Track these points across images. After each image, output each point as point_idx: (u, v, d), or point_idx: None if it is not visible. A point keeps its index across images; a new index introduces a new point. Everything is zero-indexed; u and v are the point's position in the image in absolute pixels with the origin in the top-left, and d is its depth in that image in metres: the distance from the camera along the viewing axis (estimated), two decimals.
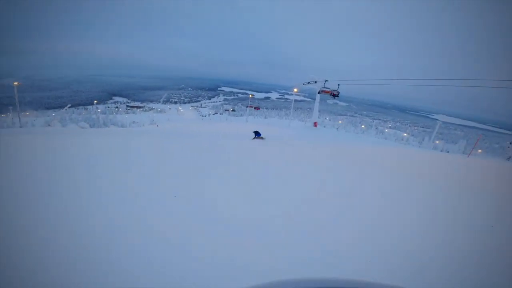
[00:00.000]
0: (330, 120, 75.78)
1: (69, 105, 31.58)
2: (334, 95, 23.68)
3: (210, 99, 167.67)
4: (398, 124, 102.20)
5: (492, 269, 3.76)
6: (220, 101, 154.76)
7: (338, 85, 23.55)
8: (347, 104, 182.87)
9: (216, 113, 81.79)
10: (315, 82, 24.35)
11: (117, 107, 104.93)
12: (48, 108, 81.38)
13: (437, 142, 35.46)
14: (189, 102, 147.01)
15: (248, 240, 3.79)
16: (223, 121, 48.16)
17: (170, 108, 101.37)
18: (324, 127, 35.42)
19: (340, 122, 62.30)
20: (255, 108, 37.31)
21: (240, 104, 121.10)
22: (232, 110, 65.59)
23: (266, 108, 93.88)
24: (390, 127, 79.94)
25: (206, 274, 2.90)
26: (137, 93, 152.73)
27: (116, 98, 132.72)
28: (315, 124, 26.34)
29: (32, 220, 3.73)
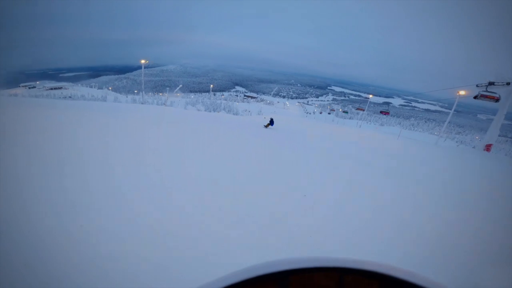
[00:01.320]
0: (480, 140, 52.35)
1: (180, 85, 36.93)
2: None
3: (317, 97, 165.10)
4: None
5: None
6: (328, 101, 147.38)
7: None
8: None
9: (321, 112, 77.27)
10: (508, 84, 14.86)
11: (236, 95, 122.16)
12: (191, 91, 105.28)
13: None
14: (296, 98, 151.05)
15: None
16: (329, 122, 42.85)
17: (278, 102, 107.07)
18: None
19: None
20: (382, 112, 28.86)
21: (350, 106, 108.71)
22: (344, 112, 58.60)
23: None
24: None
25: None
26: (254, 84, 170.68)
27: (237, 88, 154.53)
28: (487, 147, 16.73)
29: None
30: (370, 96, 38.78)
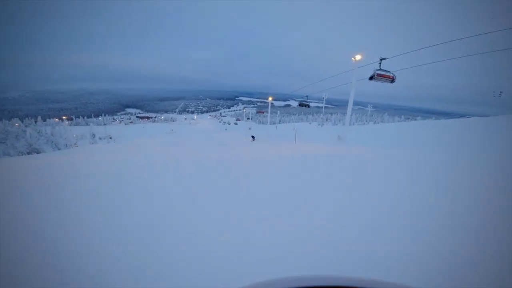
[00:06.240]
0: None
1: None
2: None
3: (229, 108, 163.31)
4: None
5: None
6: (240, 110, 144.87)
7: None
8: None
9: (237, 122, 68.32)
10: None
11: (129, 118, 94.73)
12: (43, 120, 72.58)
13: None
14: (207, 112, 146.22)
15: None
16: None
17: (185, 118, 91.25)
18: None
19: None
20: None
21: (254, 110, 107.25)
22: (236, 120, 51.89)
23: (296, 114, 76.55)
24: None
25: None
26: (152, 103, 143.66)
27: (129, 110, 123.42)
28: None
29: None
30: (271, 98, 29.78)
